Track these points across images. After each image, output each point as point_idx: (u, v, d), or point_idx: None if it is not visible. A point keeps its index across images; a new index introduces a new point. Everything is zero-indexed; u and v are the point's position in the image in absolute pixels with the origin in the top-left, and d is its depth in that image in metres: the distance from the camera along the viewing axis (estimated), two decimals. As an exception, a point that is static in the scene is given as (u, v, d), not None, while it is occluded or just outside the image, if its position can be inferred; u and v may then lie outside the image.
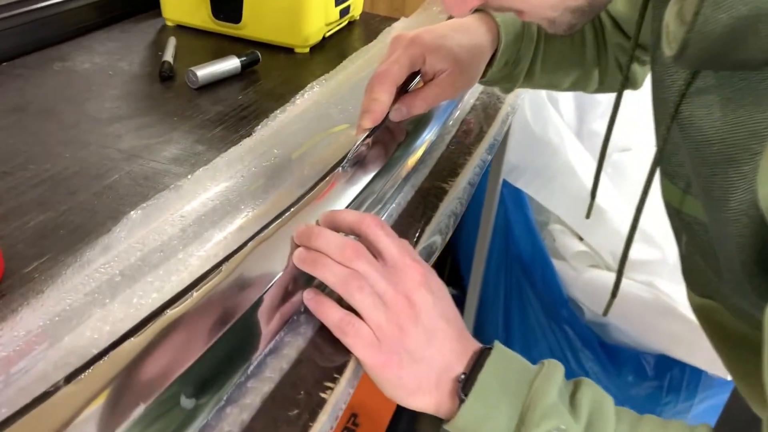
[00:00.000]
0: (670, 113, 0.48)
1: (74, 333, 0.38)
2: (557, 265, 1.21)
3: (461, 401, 0.43)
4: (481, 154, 0.72)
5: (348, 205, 0.53)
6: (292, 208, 0.50)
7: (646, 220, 1.16)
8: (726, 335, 0.59)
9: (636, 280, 1.10)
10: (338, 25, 1.02)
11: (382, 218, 0.58)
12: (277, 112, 0.72)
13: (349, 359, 0.44)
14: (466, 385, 0.44)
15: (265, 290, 0.43)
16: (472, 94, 0.84)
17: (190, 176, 0.57)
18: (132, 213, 0.52)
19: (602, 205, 1.14)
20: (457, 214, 0.62)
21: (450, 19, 0.65)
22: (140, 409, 0.34)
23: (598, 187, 0.69)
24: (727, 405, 0.81)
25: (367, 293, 0.43)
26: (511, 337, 1.31)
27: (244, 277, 0.43)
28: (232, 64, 0.83)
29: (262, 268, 0.45)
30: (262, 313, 0.43)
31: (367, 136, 0.56)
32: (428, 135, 0.67)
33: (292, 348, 0.43)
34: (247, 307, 0.42)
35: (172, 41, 0.89)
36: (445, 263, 1.58)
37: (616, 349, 1.17)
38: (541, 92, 1.22)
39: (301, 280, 0.47)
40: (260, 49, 0.88)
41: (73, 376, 0.34)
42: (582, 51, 0.72)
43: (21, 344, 0.36)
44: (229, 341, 0.40)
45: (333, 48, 0.99)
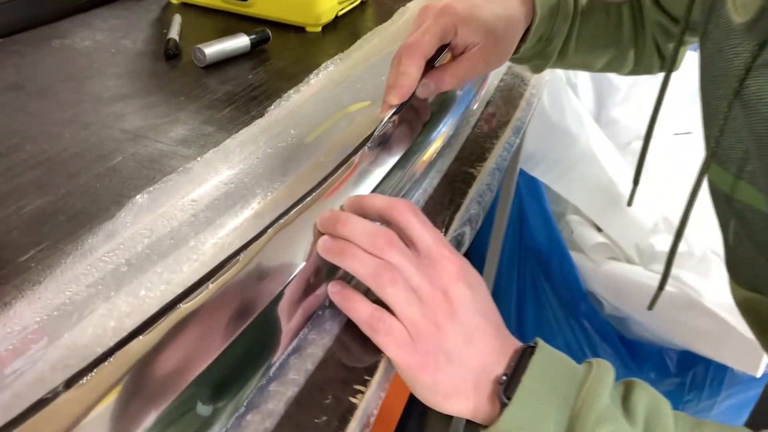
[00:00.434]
0: (733, 89, 0.44)
1: (75, 329, 0.34)
2: (575, 257, 1.17)
3: (503, 405, 0.39)
4: (508, 138, 0.67)
5: (374, 189, 0.48)
6: (314, 192, 0.45)
7: (672, 210, 1.12)
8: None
9: (660, 272, 1.05)
10: (351, 4, 0.97)
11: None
12: (291, 92, 0.67)
13: (380, 359, 0.39)
14: (508, 387, 0.40)
15: (287, 282, 0.39)
16: (496, 74, 0.79)
17: (199, 158, 0.53)
18: (138, 197, 0.47)
19: (623, 195, 1.10)
20: (486, 201, 0.57)
21: None
22: (151, 418, 0.30)
23: (637, 173, 0.65)
24: (760, 401, 0.78)
25: (400, 287, 0.39)
26: (525, 332, 1.27)
27: (263, 268, 0.39)
28: (242, 41, 0.78)
29: (283, 258, 0.40)
30: (283, 307, 0.39)
31: (394, 113, 0.52)
32: (454, 116, 0.62)
33: (318, 346, 0.39)
34: (268, 300, 0.37)
35: (177, 19, 0.84)
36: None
37: (637, 345, 1.13)
38: (560, 77, 1.18)
39: (324, 271, 0.42)
40: (270, 28, 0.83)
41: (73, 380, 0.29)
42: (618, 29, 0.67)
43: (15, 342, 0.32)
44: (249, 339, 0.36)
45: (345, 28, 0.94)
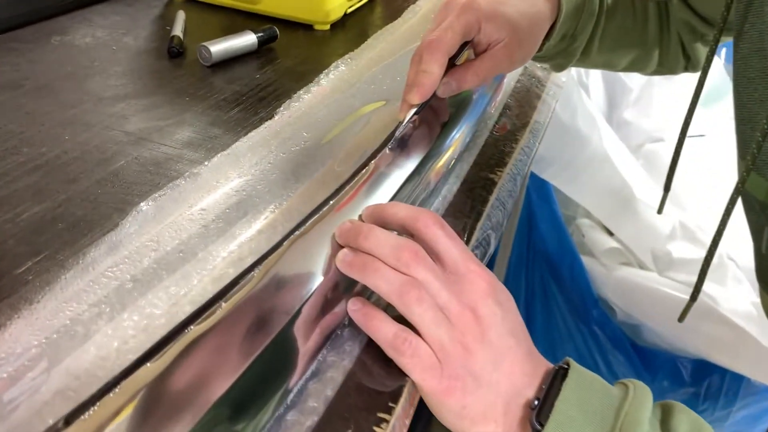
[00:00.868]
0: None
1: (76, 352, 0.31)
2: (586, 262, 1.14)
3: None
4: (527, 141, 0.64)
5: (394, 194, 0.46)
6: (331, 201, 0.42)
7: (689, 216, 1.09)
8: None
9: (676, 279, 1.03)
10: (360, 1, 0.95)
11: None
12: (301, 92, 0.64)
13: (405, 384, 0.37)
14: (540, 413, 0.37)
15: (305, 300, 0.36)
16: (512, 76, 0.76)
17: (207, 163, 0.50)
18: (142, 204, 0.44)
19: (638, 198, 1.07)
20: (508, 208, 0.55)
21: None
22: (160, 455, 0.27)
23: (668, 178, 0.62)
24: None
25: (427, 305, 0.36)
26: (533, 339, 1.24)
27: (279, 285, 0.36)
28: (249, 40, 0.75)
29: (300, 273, 0.38)
30: (300, 327, 0.36)
31: (414, 113, 0.49)
32: (473, 117, 0.59)
33: (337, 370, 0.36)
34: (286, 320, 0.35)
35: (181, 15, 0.81)
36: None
37: (650, 353, 1.10)
38: (572, 76, 1.15)
39: (342, 286, 0.40)
40: (277, 26, 0.80)
41: (74, 415, 0.26)
42: (644, 28, 0.65)
43: (11, 370, 0.29)
44: (264, 363, 0.33)
45: (354, 26, 0.92)
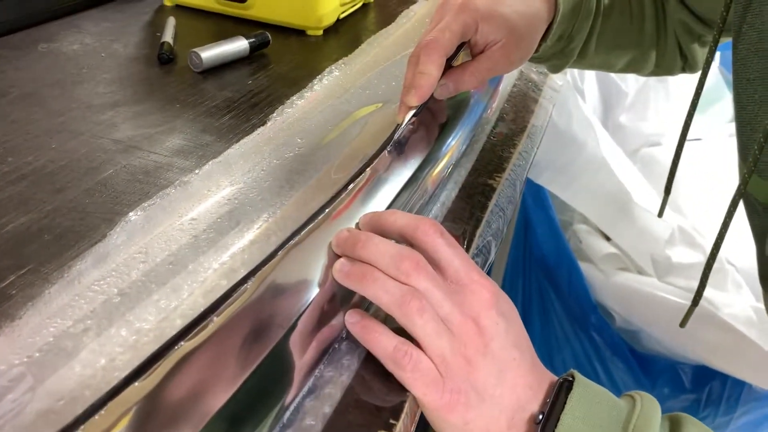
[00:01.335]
0: None
1: (60, 371, 0.30)
2: (583, 267, 1.13)
3: (540, 447, 0.35)
4: (524, 146, 0.63)
5: (393, 199, 0.44)
6: (327, 209, 0.41)
7: (687, 220, 1.08)
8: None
9: (675, 285, 1.02)
10: (353, 6, 0.93)
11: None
12: (294, 98, 0.63)
13: (405, 399, 0.35)
14: (545, 427, 0.36)
15: (301, 312, 0.35)
16: (509, 80, 0.75)
17: (198, 171, 0.48)
18: (131, 214, 0.43)
19: (635, 202, 1.06)
20: (507, 215, 0.53)
21: None
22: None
23: (668, 182, 0.61)
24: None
25: (429, 317, 0.34)
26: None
27: (273, 297, 0.35)
28: (240, 45, 0.74)
29: (295, 285, 0.36)
30: (296, 341, 0.35)
31: (413, 116, 0.48)
32: (471, 119, 0.58)
33: (335, 386, 0.35)
34: (281, 334, 0.33)
35: (171, 21, 0.80)
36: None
37: (649, 359, 1.09)
38: (567, 81, 1.14)
39: (339, 298, 0.38)
40: (269, 32, 0.79)
41: (57, 440, 0.25)
42: (641, 28, 0.64)
43: (-11, 391, 0.27)
44: (259, 379, 0.32)
45: (348, 31, 0.91)
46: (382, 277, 0.35)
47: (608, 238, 1.16)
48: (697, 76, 0.65)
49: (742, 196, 0.48)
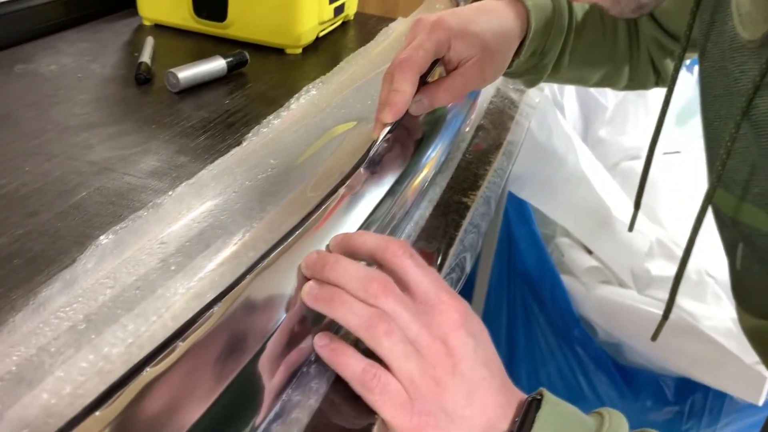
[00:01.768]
0: (741, 108, 0.41)
1: (24, 400, 0.30)
2: (566, 281, 1.14)
3: (510, 466, 0.35)
4: (500, 163, 0.64)
5: (368, 216, 0.45)
6: (298, 230, 0.41)
7: (665, 231, 1.09)
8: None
9: (655, 297, 1.03)
10: (332, 24, 0.94)
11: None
12: (271, 117, 0.63)
13: (374, 422, 0.35)
14: (515, 446, 0.36)
15: (268, 336, 0.35)
16: (485, 97, 0.76)
17: (171, 192, 0.49)
18: (102, 238, 0.43)
19: (615, 216, 1.07)
20: (482, 230, 0.54)
21: (475, 1, 0.58)
22: None
23: (638, 197, 0.62)
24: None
25: (396, 339, 0.34)
26: (516, 360, 1.23)
27: (240, 321, 0.35)
28: (218, 65, 0.74)
29: (263, 308, 0.36)
30: (264, 364, 0.35)
31: (388, 132, 0.49)
32: (447, 136, 0.59)
33: (303, 410, 0.35)
34: (248, 359, 0.33)
35: (149, 41, 0.80)
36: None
37: (632, 372, 1.09)
38: (547, 96, 1.15)
39: (309, 320, 0.38)
40: (247, 50, 0.79)
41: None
42: (614, 44, 0.65)
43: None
44: (226, 403, 0.32)
45: (327, 49, 0.91)
46: (350, 299, 0.35)
47: (590, 252, 1.16)
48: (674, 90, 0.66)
49: (710, 209, 0.49)
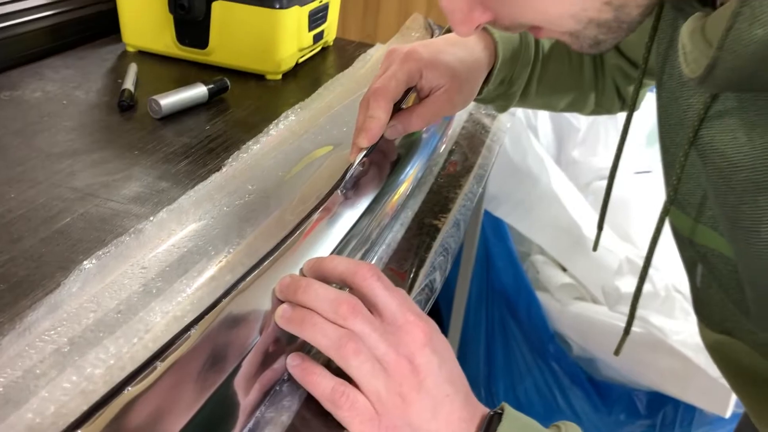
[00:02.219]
0: (688, 138, 0.44)
1: (10, 419, 0.31)
2: (541, 297, 1.17)
3: (472, 478, 0.38)
4: (470, 187, 0.67)
5: (339, 243, 0.47)
6: (273, 255, 0.43)
7: (635, 250, 1.13)
8: (746, 374, 0.56)
9: (625, 313, 1.05)
10: (311, 51, 0.97)
11: (372, 261, 0.53)
12: (250, 143, 0.66)
13: (344, 436, 0.37)
14: (477, 459, 0.38)
15: (243, 356, 0.37)
16: (458, 122, 0.79)
17: (153, 218, 0.50)
18: (86, 263, 0.45)
19: (586, 235, 1.11)
20: (453, 250, 0.56)
21: (446, 33, 0.61)
22: None
23: (600, 218, 0.65)
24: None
25: (364, 358, 0.37)
26: (495, 376, 1.25)
27: (217, 342, 0.37)
28: (199, 92, 0.76)
29: (239, 330, 0.38)
30: (239, 384, 0.37)
31: (364, 156, 0.52)
32: (422, 158, 0.62)
33: (275, 427, 0.37)
34: (223, 378, 0.35)
35: (132, 68, 0.82)
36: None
37: (606, 387, 1.12)
38: (521, 119, 1.19)
39: (283, 341, 0.40)
40: (229, 76, 0.82)
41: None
42: (579, 73, 0.68)
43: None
44: (202, 421, 0.34)
45: (306, 75, 0.94)
46: (321, 321, 0.38)
47: (564, 269, 1.19)
48: (643, 112, 0.69)
49: (670, 230, 0.52)
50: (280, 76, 0.90)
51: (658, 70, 0.55)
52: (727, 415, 1.00)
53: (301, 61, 0.95)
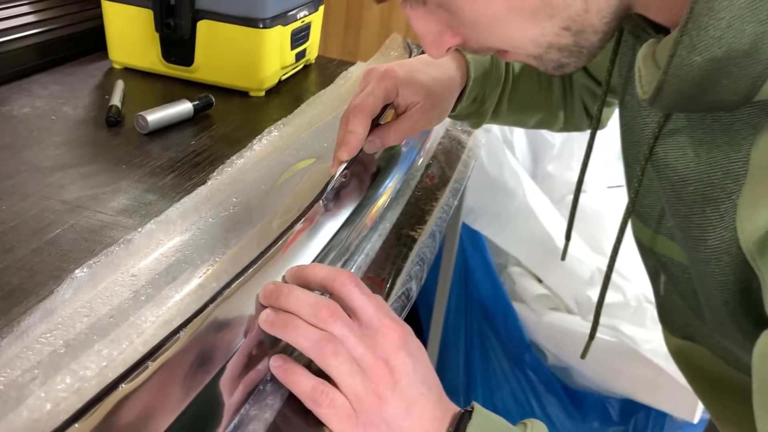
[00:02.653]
0: (644, 155, 0.47)
1: (9, 417, 0.33)
2: (518, 308, 1.20)
3: (444, 472, 0.40)
4: (446, 200, 0.70)
5: (320, 252, 0.50)
6: (257, 263, 0.46)
7: (606, 262, 1.16)
8: (708, 379, 0.58)
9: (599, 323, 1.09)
10: (294, 68, 1.00)
11: (352, 270, 0.55)
12: (234, 157, 0.68)
13: (323, 432, 0.40)
14: (448, 454, 0.41)
15: (229, 358, 0.39)
16: (435, 137, 0.82)
17: (141, 229, 0.53)
18: (77, 271, 0.47)
19: (559, 247, 1.14)
20: (429, 260, 0.59)
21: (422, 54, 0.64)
22: None
23: (568, 229, 0.68)
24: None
25: (343, 359, 0.39)
26: (473, 384, 1.28)
27: (204, 345, 0.39)
28: (185, 108, 0.79)
29: (224, 333, 0.41)
30: (224, 383, 0.39)
31: (344, 169, 0.56)
32: (401, 171, 0.66)
33: (259, 423, 0.39)
34: (210, 377, 0.38)
35: (119, 84, 0.84)
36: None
37: (580, 395, 1.15)
38: (497, 135, 1.23)
39: (266, 344, 0.43)
40: (213, 93, 0.84)
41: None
42: (549, 92, 0.72)
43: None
44: (190, 418, 0.36)
45: (289, 92, 0.97)
46: (302, 324, 0.40)
47: (540, 280, 1.23)
48: (614, 129, 0.73)
49: (620, 242, 0.55)
50: (263, 93, 0.92)
51: (620, 90, 0.58)
52: (695, 421, 1.04)
53: (284, 78, 0.97)
